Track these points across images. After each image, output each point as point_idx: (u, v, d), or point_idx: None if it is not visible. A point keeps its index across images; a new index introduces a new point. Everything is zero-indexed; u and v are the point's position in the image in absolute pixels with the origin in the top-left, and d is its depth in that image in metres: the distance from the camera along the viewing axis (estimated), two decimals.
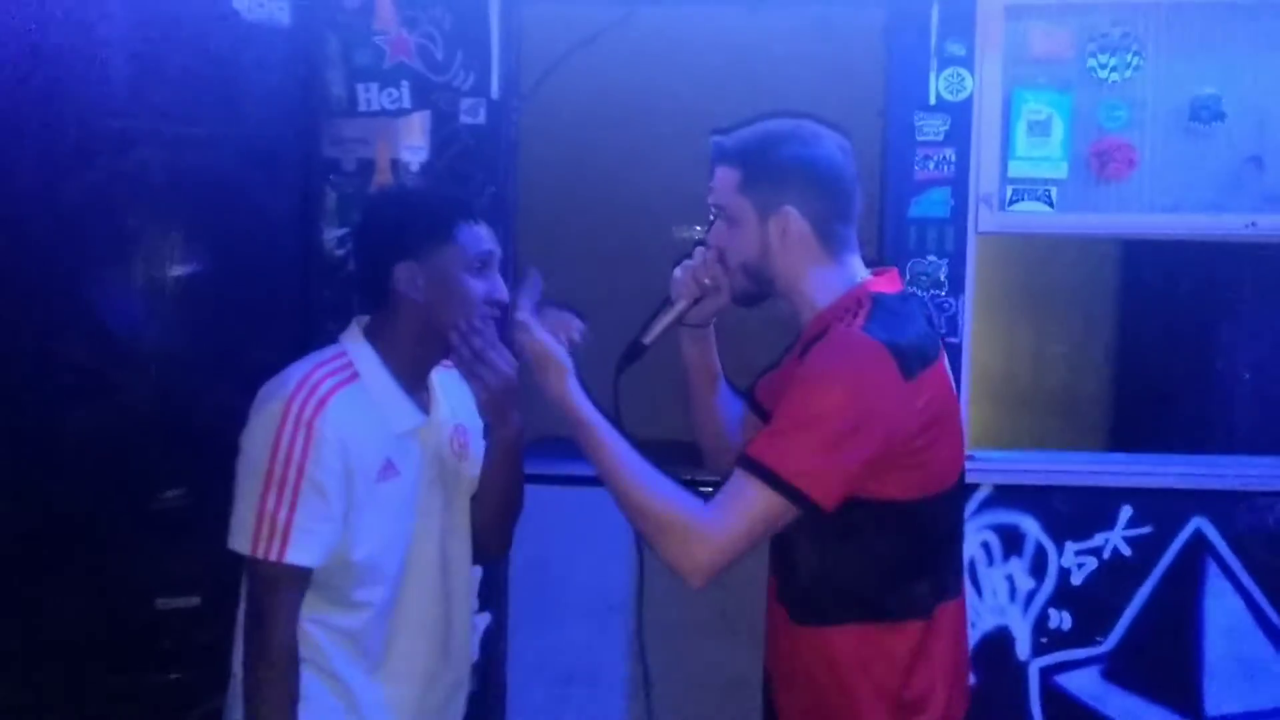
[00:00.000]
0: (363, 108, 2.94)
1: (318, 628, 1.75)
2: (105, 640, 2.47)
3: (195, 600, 2.47)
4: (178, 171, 2.49)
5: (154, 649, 2.48)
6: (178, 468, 2.48)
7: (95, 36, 2.43)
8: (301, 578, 1.70)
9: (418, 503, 1.82)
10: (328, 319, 2.63)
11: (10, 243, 2.43)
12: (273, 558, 1.66)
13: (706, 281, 1.85)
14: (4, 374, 2.45)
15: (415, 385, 1.84)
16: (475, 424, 1.98)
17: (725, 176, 1.75)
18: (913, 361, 1.62)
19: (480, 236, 1.81)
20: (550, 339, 1.71)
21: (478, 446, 1.99)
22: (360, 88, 2.93)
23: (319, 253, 2.81)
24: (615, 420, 1.96)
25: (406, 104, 2.95)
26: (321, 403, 1.69)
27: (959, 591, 1.76)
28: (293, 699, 1.69)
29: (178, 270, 2.48)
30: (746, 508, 1.55)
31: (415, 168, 2.92)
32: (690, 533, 1.54)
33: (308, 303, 2.72)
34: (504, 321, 1.83)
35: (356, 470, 1.71)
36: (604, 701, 3.37)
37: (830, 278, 1.74)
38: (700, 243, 1.89)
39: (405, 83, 2.94)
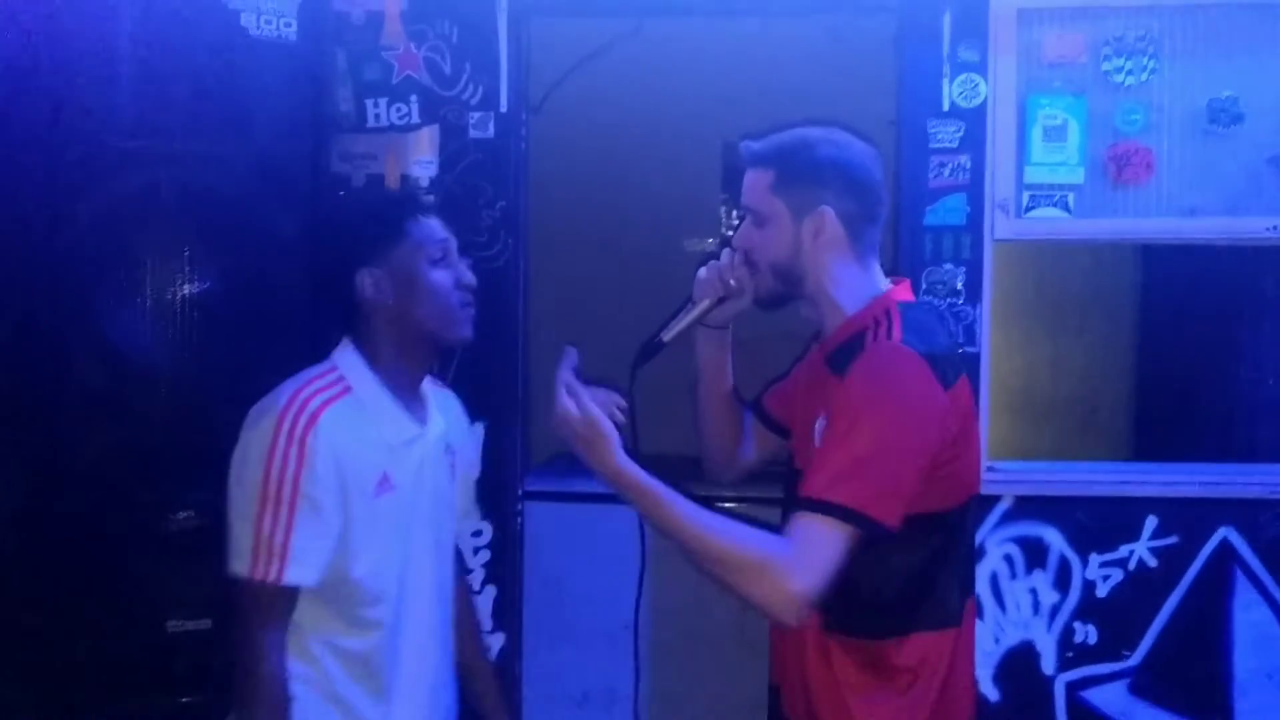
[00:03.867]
0: (371, 123, 2.93)
1: (326, 651, 1.72)
2: (117, 663, 2.44)
3: (207, 623, 2.44)
4: (187, 190, 2.48)
5: (166, 672, 2.45)
6: (189, 489, 2.46)
7: (103, 56, 2.42)
8: (293, 598, 1.67)
9: (415, 517, 1.80)
10: (338, 336, 2.61)
11: (21, 264, 2.42)
12: (271, 579, 1.63)
13: (732, 282, 1.85)
14: (15, 395, 2.43)
15: (409, 397, 1.83)
16: (464, 447, 1.98)
17: (757, 178, 1.76)
18: (948, 371, 1.63)
19: (434, 227, 1.80)
20: (597, 410, 1.64)
21: (467, 474, 1.99)
22: (369, 103, 2.93)
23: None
24: (632, 418, 1.94)
25: (415, 119, 2.94)
26: (313, 417, 1.67)
27: (967, 603, 1.75)
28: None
29: (188, 289, 2.46)
30: (826, 545, 1.51)
31: (425, 182, 2.91)
32: (778, 572, 1.49)
33: (318, 320, 2.70)
34: (476, 305, 1.83)
35: (352, 485, 1.69)
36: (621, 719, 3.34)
37: (857, 282, 1.74)
38: (727, 244, 1.88)
39: (414, 97, 2.93)
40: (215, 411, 2.43)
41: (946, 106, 2.90)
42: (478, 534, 2.97)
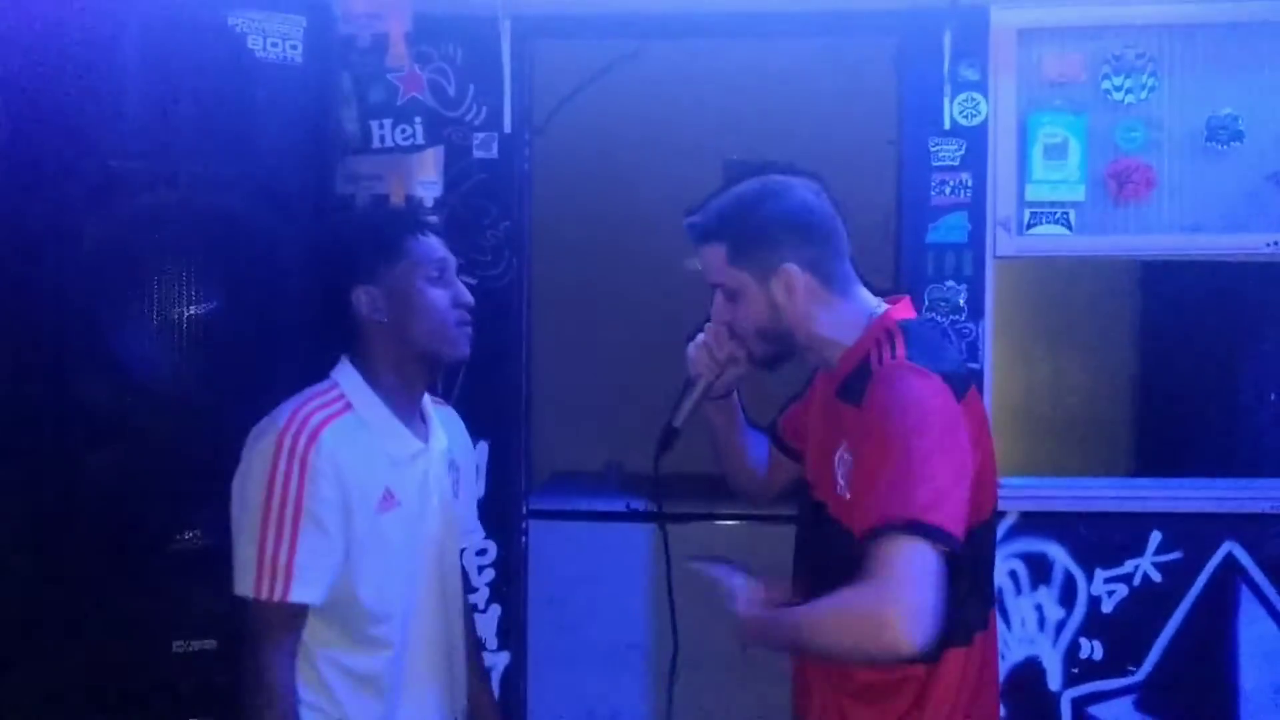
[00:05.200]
0: (376, 144, 2.95)
1: (335, 674, 1.72)
2: (122, 684, 2.43)
3: (212, 643, 2.43)
4: (193, 212, 2.48)
5: (172, 693, 2.45)
6: (194, 509, 2.46)
7: (109, 78, 2.43)
8: (300, 616, 1.67)
9: (420, 533, 1.80)
10: (337, 354, 2.62)
11: (27, 285, 2.43)
12: (276, 598, 1.63)
13: (721, 358, 1.85)
14: (20, 416, 2.43)
15: (409, 413, 1.82)
16: (467, 464, 1.97)
17: (712, 254, 1.74)
18: (959, 384, 1.62)
19: (432, 245, 1.80)
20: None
21: (469, 491, 1.98)
22: (374, 124, 2.95)
23: None
24: (657, 500, 1.96)
25: (420, 140, 2.95)
26: (314, 435, 1.66)
27: (986, 624, 1.73)
28: None
29: (193, 310, 2.46)
30: (901, 562, 1.44)
31: (429, 203, 2.93)
32: (873, 617, 1.43)
33: (323, 341, 2.70)
34: (480, 324, 1.84)
35: (355, 502, 1.68)
36: None
37: (846, 315, 1.73)
38: (708, 319, 1.88)
39: (418, 119, 2.95)
40: (221, 431, 2.43)
41: (948, 125, 2.91)
42: (482, 553, 2.98)
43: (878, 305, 1.75)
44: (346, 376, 1.79)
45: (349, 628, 1.71)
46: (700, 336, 1.89)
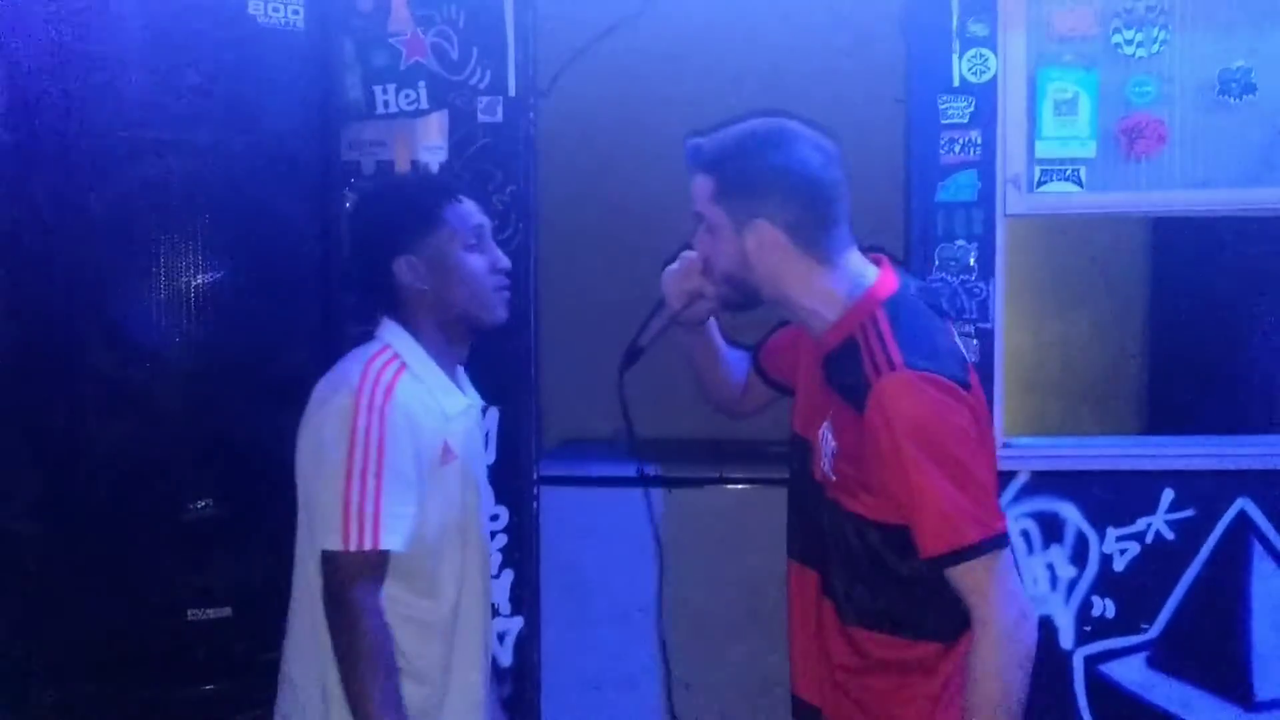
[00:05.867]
0: (380, 110, 2.93)
1: (404, 626, 1.76)
2: (137, 653, 2.46)
3: (227, 611, 2.45)
4: (197, 180, 2.48)
5: (186, 661, 2.47)
6: (206, 478, 2.47)
7: (110, 48, 2.42)
8: (384, 565, 1.72)
9: (469, 484, 1.89)
10: (350, 323, 2.62)
11: (34, 257, 2.44)
12: (366, 546, 1.68)
13: (688, 289, 1.84)
14: (30, 387, 2.45)
15: (451, 371, 1.91)
16: (482, 422, 2.06)
17: (701, 184, 1.71)
18: (959, 372, 1.60)
19: (468, 212, 1.87)
20: None
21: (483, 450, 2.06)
22: (377, 90, 2.92)
23: (340, 257, 2.81)
24: (626, 419, 1.96)
25: (424, 104, 2.93)
26: (389, 390, 1.73)
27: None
28: (397, 686, 1.69)
29: (200, 278, 2.46)
30: (988, 584, 1.55)
31: (435, 168, 2.91)
32: (999, 642, 1.56)
33: (330, 308, 2.70)
34: (511, 287, 1.89)
35: (424, 455, 1.76)
36: (639, 704, 3.35)
37: (827, 285, 1.68)
38: (687, 246, 1.86)
39: (422, 83, 2.93)
40: (230, 400, 2.46)
41: (956, 82, 2.88)
42: (495, 519, 2.98)
43: (863, 274, 1.70)
44: (397, 337, 1.85)
45: (416, 577, 1.78)
46: (675, 264, 1.87)
